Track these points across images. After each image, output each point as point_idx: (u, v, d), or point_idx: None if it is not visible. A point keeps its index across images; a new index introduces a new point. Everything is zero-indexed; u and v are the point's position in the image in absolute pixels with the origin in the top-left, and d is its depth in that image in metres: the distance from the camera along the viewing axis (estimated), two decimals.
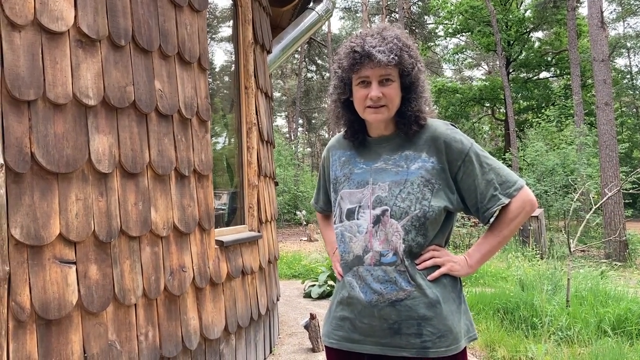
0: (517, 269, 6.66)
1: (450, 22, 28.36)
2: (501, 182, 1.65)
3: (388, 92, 1.64)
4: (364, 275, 1.65)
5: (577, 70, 19.35)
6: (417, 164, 1.65)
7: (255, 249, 3.65)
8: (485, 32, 25.63)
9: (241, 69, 3.80)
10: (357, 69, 1.64)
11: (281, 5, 4.87)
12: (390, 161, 1.69)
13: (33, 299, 1.96)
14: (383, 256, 1.63)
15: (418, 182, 1.62)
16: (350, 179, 1.76)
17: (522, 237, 11.27)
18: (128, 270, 2.36)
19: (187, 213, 2.77)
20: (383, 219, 1.63)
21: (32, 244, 1.96)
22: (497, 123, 32.19)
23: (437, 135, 1.67)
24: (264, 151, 4.02)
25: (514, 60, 26.53)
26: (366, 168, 1.73)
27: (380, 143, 1.74)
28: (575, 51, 19.61)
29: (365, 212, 1.68)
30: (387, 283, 1.62)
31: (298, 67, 36.71)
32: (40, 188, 2.02)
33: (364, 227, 1.67)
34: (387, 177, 1.67)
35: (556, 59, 26.60)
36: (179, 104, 2.73)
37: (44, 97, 2.04)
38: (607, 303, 5.03)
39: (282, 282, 8.30)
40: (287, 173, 24.55)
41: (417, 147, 1.67)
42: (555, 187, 15.10)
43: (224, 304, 3.10)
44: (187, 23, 2.87)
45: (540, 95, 26.52)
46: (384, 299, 1.62)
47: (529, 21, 25.97)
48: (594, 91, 14.93)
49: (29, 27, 2.02)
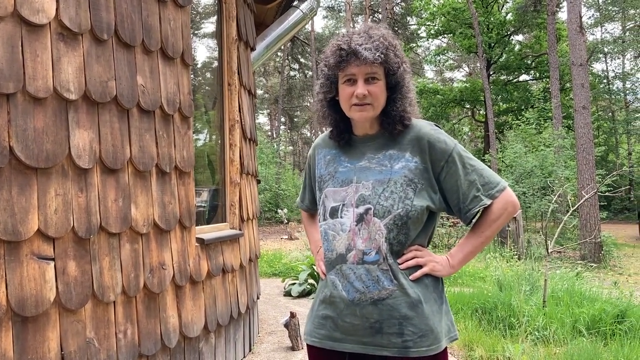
0: (495, 270, 6.73)
1: (432, 23, 28.57)
2: (484, 183, 1.66)
3: (373, 90, 1.64)
4: (347, 274, 1.66)
5: (556, 73, 19.63)
6: (400, 164, 1.66)
7: (237, 247, 3.63)
8: (466, 34, 25.88)
9: (224, 66, 3.77)
10: (343, 67, 1.65)
11: (265, 3, 4.85)
12: (374, 160, 1.70)
13: (9, 296, 1.92)
14: (366, 254, 1.63)
15: (401, 181, 1.63)
16: (334, 177, 1.76)
17: (500, 237, 11.40)
18: (107, 267, 2.34)
19: (168, 210, 2.74)
20: (366, 218, 1.64)
21: (9, 239, 1.93)
22: (477, 124, 32.52)
23: (421, 135, 1.67)
24: (246, 149, 4.01)
25: (495, 63, 26.83)
26: (350, 166, 1.74)
27: (365, 142, 1.75)
28: (554, 55, 19.90)
29: (349, 210, 1.68)
30: (370, 282, 1.62)
31: (281, 65, 36.62)
32: (18, 183, 1.98)
33: (347, 225, 1.67)
34: (370, 175, 1.68)
35: (536, 62, 26.97)
36: (161, 99, 2.71)
37: (23, 91, 2.01)
38: (582, 303, 5.12)
39: (263, 280, 8.27)
40: (269, 171, 24.49)
41: (401, 147, 1.68)
42: (534, 189, 15.29)
43: (204, 302, 3.08)
44: (170, 18, 2.84)
45: (519, 98, 26.87)
46: (366, 297, 1.62)
47: (510, 24, 26.29)
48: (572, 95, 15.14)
49: (8, 19, 1.98)
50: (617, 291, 5.86)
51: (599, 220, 12.41)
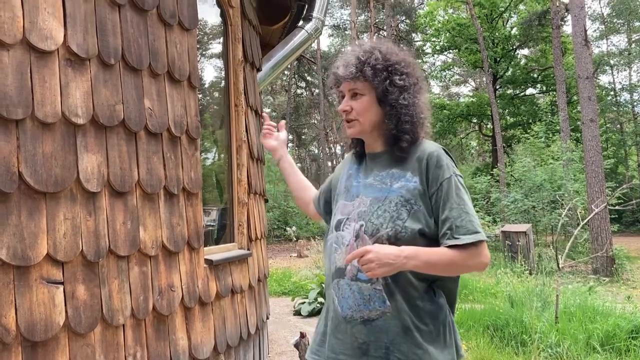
0: (506, 285, 6.67)
1: (437, 39, 28.68)
2: (458, 226, 1.53)
3: (356, 106, 1.66)
4: (344, 289, 1.63)
5: (562, 87, 19.60)
6: (399, 183, 1.63)
7: (245, 267, 3.63)
8: (472, 49, 25.95)
9: (231, 87, 3.80)
10: (336, 85, 1.72)
11: (271, 24, 4.91)
12: (377, 177, 1.69)
13: (19, 321, 1.92)
14: (360, 272, 1.58)
15: (396, 200, 1.59)
16: (348, 191, 1.77)
17: (511, 252, 11.30)
18: (116, 290, 2.34)
19: (176, 232, 2.75)
20: (360, 234, 1.62)
21: (18, 264, 1.93)
22: (484, 139, 32.45)
23: (423, 157, 1.63)
24: (253, 168, 4.02)
25: (501, 77, 26.85)
26: (360, 182, 1.74)
27: (374, 159, 1.75)
28: (560, 68, 19.89)
29: (351, 224, 1.67)
30: (361, 300, 1.58)
31: (288, 84, 36.84)
32: (27, 208, 2.00)
33: (347, 239, 1.66)
34: (371, 192, 1.67)
35: (542, 75, 26.97)
36: (168, 122, 2.73)
37: (32, 116, 2.03)
38: (595, 319, 5.05)
39: (272, 299, 8.24)
40: (277, 189, 24.53)
41: (404, 166, 1.65)
42: (543, 203, 15.19)
43: (213, 323, 3.07)
44: (177, 42, 2.87)
45: (526, 112, 26.84)
46: (357, 316, 1.59)
47: (515, 39, 26.35)
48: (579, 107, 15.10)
49: (17, 46, 2.01)
50: (631, 305, 5.79)
51: (610, 234, 12.28)
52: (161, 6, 2.74)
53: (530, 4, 25.75)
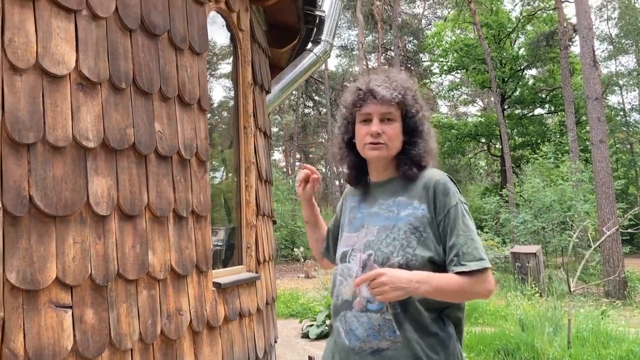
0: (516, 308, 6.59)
1: (445, 59, 28.87)
2: (465, 252, 1.54)
3: (388, 130, 1.64)
4: (351, 321, 1.61)
5: (571, 107, 19.58)
6: (407, 211, 1.62)
7: (253, 290, 3.60)
8: (479, 69, 26.06)
9: (240, 109, 3.82)
10: (360, 105, 1.67)
11: (280, 47, 4.94)
12: (383, 206, 1.68)
13: (27, 345, 1.91)
14: (370, 302, 1.58)
15: (405, 228, 1.59)
16: (352, 223, 1.76)
17: (520, 274, 11.18)
18: (125, 314, 2.32)
19: (185, 255, 2.74)
20: (369, 264, 1.60)
21: (27, 288, 1.93)
22: (493, 159, 32.40)
23: (430, 184, 1.64)
24: (262, 190, 4.02)
25: (509, 97, 26.90)
26: (365, 212, 1.73)
27: (378, 187, 1.75)
28: (568, 89, 19.90)
29: (356, 255, 1.66)
30: (371, 330, 1.56)
31: (295, 103, 37.07)
32: (37, 231, 2.00)
33: (353, 271, 1.64)
34: (377, 221, 1.66)
35: (550, 96, 27.00)
36: (178, 145, 2.74)
37: (43, 140, 2.04)
38: (608, 344, 4.97)
39: (280, 321, 8.17)
40: (285, 208, 24.52)
41: (411, 194, 1.65)
42: (553, 224, 15.07)
43: (221, 347, 3.04)
44: (187, 66, 2.90)
45: (535, 132, 26.81)
46: (366, 347, 1.56)
47: (523, 59, 26.45)
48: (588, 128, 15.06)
49: (30, 71, 2.03)
50: None
51: (622, 255, 12.15)
52: (172, 31, 2.77)
53: (538, 25, 25.91)
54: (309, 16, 4.76)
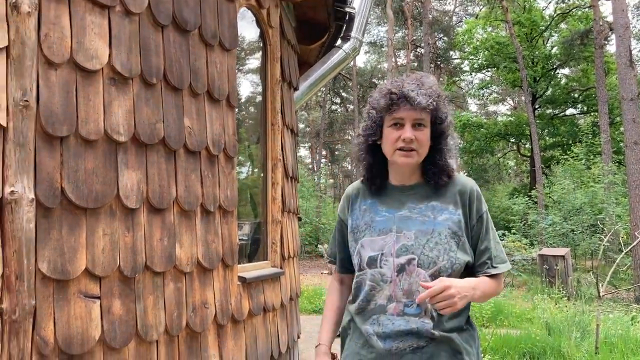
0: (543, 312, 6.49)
1: (475, 57, 28.48)
2: (495, 256, 1.68)
3: (420, 137, 1.64)
4: (385, 324, 1.63)
5: (604, 107, 19.14)
6: (444, 216, 1.65)
7: (277, 285, 3.62)
8: (510, 68, 25.63)
9: (268, 106, 3.84)
10: (393, 110, 1.65)
11: (309, 43, 4.94)
12: (415, 210, 1.69)
13: (57, 333, 1.96)
14: (407, 307, 1.61)
15: (445, 233, 1.62)
16: (371, 227, 1.74)
17: (548, 277, 11.00)
18: (151, 305, 2.36)
19: (211, 249, 2.77)
20: (408, 268, 1.62)
21: (58, 278, 1.97)
22: (522, 159, 31.89)
23: (465, 190, 1.70)
24: (288, 187, 4.03)
25: (540, 97, 26.41)
26: (389, 216, 1.72)
27: (404, 191, 1.74)
28: (603, 89, 19.45)
29: (389, 260, 1.65)
30: (409, 332, 1.60)
31: (323, 100, 37.05)
32: (68, 223, 2.04)
33: (387, 276, 1.65)
34: (412, 225, 1.66)
35: (583, 96, 26.41)
36: (207, 140, 2.77)
37: (76, 134, 2.08)
38: (637, 351, 4.86)
39: (303, 317, 8.20)
40: (309, 204, 24.55)
41: (445, 199, 1.68)
42: (583, 226, 14.79)
43: (245, 341, 3.07)
44: (217, 62, 2.92)
45: (566, 132, 26.26)
46: (405, 345, 1.60)
47: (556, 58, 25.92)
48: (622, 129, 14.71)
49: (64, 66, 2.07)
50: None
51: None
52: (203, 27, 2.79)
53: (573, 23, 25.35)
54: (339, 12, 4.74)
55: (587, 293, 9.56)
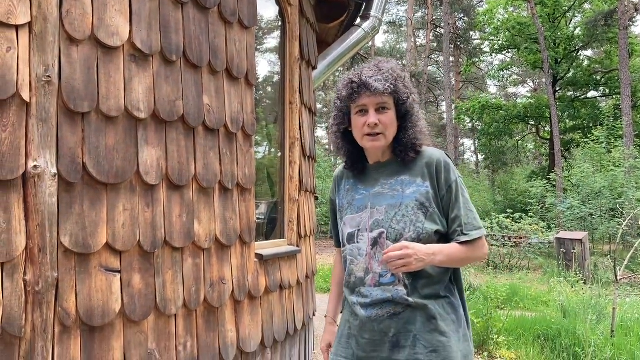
0: (559, 295, 6.47)
1: (496, 38, 27.99)
2: (466, 222, 1.73)
3: (384, 120, 1.74)
4: (365, 294, 1.76)
5: (627, 90, 18.76)
6: (412, 188, 1.75)
7: (294, 263, 3.66)
8: (532, 49, 25.15)
9: (287, 85, 3.84)
10: (355, 98, 1.76)
11: (328, 22, 4.90)
12: (386, 185, 1.80)
13: (78, 305, 2.01)
14: (382, 277, 1.73)
15: (412, 205, 1.72)
16: (352, 204, 1.87)
17: (565, 261, 10.94)
18: (170, 280, 2.40)
19: (229, 226, 2.80)
20: (380, 241, 1.74)
21: (80, 251, 2.02)
22: (541, 142, 31.49)
23: (432, 162, 1.77)
24: (305, 166, 4.04)
25: (561, 79, 25.93)
26: (366, 193, 1.84)
27: (378, 169, 1.85)
28: (626, 71, 19.04)
29: (364, 235, 1.78)
30: (386, 300, 1.72)
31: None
32: (90, 198, 2.08)
33: (363, 250, 1.77)
34: (383, 200, 1.77)
35: (606, 78, 25.87)
36: (225, 118, 2.78)
37: (97, 110, 2.11)
38: None
39: (318, 295, 8.27)
40: (326, 185, 24.56)
41: (413, 173, 1.77)
42: (601, 210, 14.63)
43: (262, 317, 3.12)
44: (236, 39, 2.92)
45: (587, 115, 25.79)
46: (383, 312, 1.71)
47: (579, 39, 25.37)
48: None
49: (86, 42, 2.09)
50: None
51: None
52: (222, 4, 2.78)
53: (597, 3, 24.74)
54: None
55: (604, 277, 9.49)
